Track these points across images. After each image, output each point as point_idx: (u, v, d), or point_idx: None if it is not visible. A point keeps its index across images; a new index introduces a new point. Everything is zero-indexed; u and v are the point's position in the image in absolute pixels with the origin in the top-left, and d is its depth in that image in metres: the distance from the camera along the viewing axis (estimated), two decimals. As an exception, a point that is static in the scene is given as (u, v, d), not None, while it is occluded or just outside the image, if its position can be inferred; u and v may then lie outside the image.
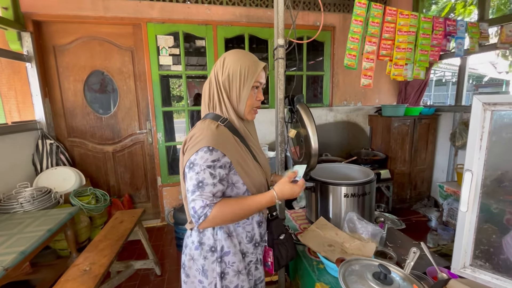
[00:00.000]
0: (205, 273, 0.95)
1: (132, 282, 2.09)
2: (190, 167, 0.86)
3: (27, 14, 2.44)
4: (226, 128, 0.93)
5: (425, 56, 1.71)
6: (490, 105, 0.60)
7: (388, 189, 3.08)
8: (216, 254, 0.94)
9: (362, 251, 1.23)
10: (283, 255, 1.07)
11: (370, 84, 1.60)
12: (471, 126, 0.63)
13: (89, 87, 2.78)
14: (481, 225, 0.65)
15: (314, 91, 4.12)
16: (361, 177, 1.60)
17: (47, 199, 2.07)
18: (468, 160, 0.64)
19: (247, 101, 0.94)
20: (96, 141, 2.86)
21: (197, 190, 0.84)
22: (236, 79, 0.92)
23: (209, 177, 0.85)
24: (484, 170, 0.63)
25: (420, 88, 3.38)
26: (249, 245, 1.01)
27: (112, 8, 2.60)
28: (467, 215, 0.66)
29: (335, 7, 3.11)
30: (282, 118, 1.45)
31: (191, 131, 0.94)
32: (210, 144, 0.85)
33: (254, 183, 0.97)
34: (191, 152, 0.86)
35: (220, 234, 0.94)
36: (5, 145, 2.20)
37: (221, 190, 0.88)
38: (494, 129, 0.61)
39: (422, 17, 1.61)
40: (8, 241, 1.48)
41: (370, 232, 1.31)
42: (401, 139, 3.13)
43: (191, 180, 0.85)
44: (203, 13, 2.80)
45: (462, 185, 0.64)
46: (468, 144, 0.64)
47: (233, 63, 0.93)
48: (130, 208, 2.92)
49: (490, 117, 0.61)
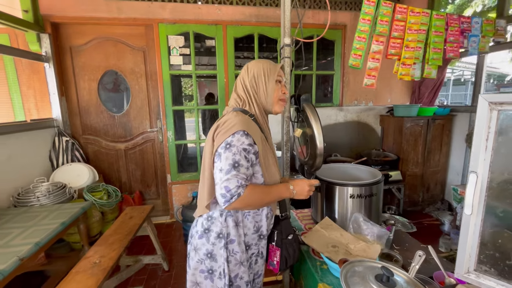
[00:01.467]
0: (214, 257, 0.99)
1: (140, 276, 2.15)
2: (227, 147, 0.89)
3: (46, 16, 2.54)
4: (254, 121, 1.01)
5: (438, 55, 1.65)
6: (497, 104, 0.58)
7: (399, 191, 3.00)
8: (224, 241, 0.98)
9: (366, 253, 1.21)
10: (291, 255, 1.10)
11: (373, 84, 1.57)
12: (476, 126, 0.61)
13: (103, 86, 2.87)
14: (486, 229, 0.63)
15: (324, 91, 4.08)
16: (369, 178, 1.57)
17: (62, 193, 2.16)
18: (473, 162, 0.62)
19: (274, 94, 1.03)
20: (109, 138, 2.95)
21: (233, 169, 0.87)
22: (261, 77, 1.02)
23: (244, 159, 0.90)
24: (490, 172, 0.61)
25: (435, 88, 3.28)
26: (254, 235, 1.05)
27: (125, 9, 2.67)
28: (472, 218, 0.64)
29: (346, 5, 3.07)
30: (288, 118, 1.44)
31: (220, 119, 1.00)
32: (245, 129, 0.91)
33: (271, 178, 1.02)
34: (227, 134, 0.91)
35: (229, 221, 0.98)
36: (24, 141, 2.31)
37: (251, 175, 0.94)
38: (501, 129, 0.58)
39: (434, 14, 1.55)
40: (24, 232, 1.56)
41: (375, 233, 1.29)
42: (414, 140, 3.04)
43: (227, 160, 0.88)
44: (213, 13, 2.83)
45: (467, 187, 0.62)
46: (473, 145, 0.61)
47: (256, 66, 1.05)
48: (141, 204, 3.00)
49: (497, 117, 0.58)
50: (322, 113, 3.21)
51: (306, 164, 1.55)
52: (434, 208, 3.17)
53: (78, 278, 1.38)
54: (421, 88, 3.32)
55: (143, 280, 2.10)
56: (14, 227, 1.63)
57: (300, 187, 1.03)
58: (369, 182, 1.44)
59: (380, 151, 3.27)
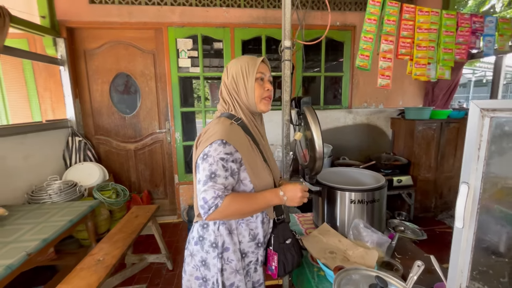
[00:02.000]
0: (207, 266, 0.98)
1: (145, 274, 2.19)
2: (204, 158, 0.88)
3: (62, 22, 2.66)
4: (239, 126, 0.96)
5: (449, 55, 1.58)
6: (489, 111, 0.55)
7: (410, 197, 2.90)
8: (217, 250, 0.96)
9: (365, 259, 1.18)
10: (289, 261, 1.05)
11: (389, 85, 1.52)
12: (467, 134, 0.58)
13: (114, 89, 2.97)
14: (479, 244, 0.59)
15: (335, 92, 4.01)
16: (372, 183, 1.53)
17: (73, 192, 2.24)
18: (464, 172, 0.59)
19: (255, 92, 0.97)
20: (120, 139, 3.04)
21: (210, 181, 0.86)
22: (239, 76, 0.97)
23: (221, 169, 0.87)
24: (483, 183, 0.57)
25: (450, 90, 3.15)
26: (251, 243, 1.02)
27: (136, 14, 2.75)
28: (464, 232, 0.60)
29: (356, 5, 3.01)
30: (287, 121, 1.43)
31: (205, 127, 0.98)
32: (223, 137, 0.88)
33: (260, 182, 0.98)
34: (205, 144, 0.89)
35: (222, 230, 0.96)
36: (39, 141, 2.42)
37: (232, 183, 0.91)
38: (494, 137, 0.55)
39: (444, 13, 1.49)
40: (34, 228, 1.63)
41: (375, 241, 1.25)
42: (426, 144, 2.93)
43: (204, 171, 0.87)
44: (221, 16, 2.86)
45: (458, 198, 0.59)
46: (464, 153, 0.58)
47: (234, 65, 1.00)
48: (149, 203, 3.07)
49: (489, 124, 0.55)
50: (330, 115, 3.16)
51: (306, 168, 1.53)
52: (448, 215, 3.04)
53: (82, 275, 1.43)
54: (434, 90, 3.20)
55: (147, 279, 2.15)
56: (26, 223, 1.71)
57: (291, 193, 0.97)
58: (371, 187, 1.40)
59: (390, 155, 3.18)
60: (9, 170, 2.11)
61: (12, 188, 2.12)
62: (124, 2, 2.72)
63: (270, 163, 1.06)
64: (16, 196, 2.14)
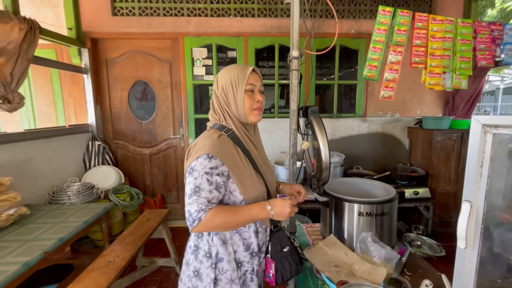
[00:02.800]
0: (200, 276, 0.98)
1: (155, 278, 2.23)
2: (190, 172, 0.91)
3: (87, 33, 2.84)
4: (228, 138, 0.97)
5: (467, 64, 1.52)
6: (491, 127, 0.52)
7: (427, 210, 2.77)
8: (211, 260, 0.96)
9: (372, 276, 1.14)
10: (287, 269, 1.04)
11: (391, 97, 1.49)
12: (469, 150, 0.56)
13: (132, 95, 3.10)
14: (483, 266, 0.56)
15: (351, 100, 3.95)
16: (383, 195, 1.48)
17: (90, 193, 2.35)
18: (467, 190, 0.56)
19: (244, 104, 0.97)
20: (136, 144, 3.16)
21: (194, 194, 0.88)
22: (229, 87, 0.97)
23: (206, 183, 0.89)
24: (486, 202, 0.55)
25: (472, 98, 3.01)
26: (245, 253, 1.01)
27: (154, 25, 2.88)
28: (467, 253, 0.57)
29: (371, 13, 2.97)
30: (295, 130, 1.43)
31: (195, 140, 1.00)
32: (209, 151, 0.90)
33: (249, 193, 0.98)
34: (192, 158, 0.92)
35: (215, 240, 0.97)
36: (62, 144, 2.57)
37: (217, 197, 0.92)
38: (497, 155, 0.53)
39: (459, 22, 1.44)
40: (52, 228, 1.72)
41: (383, 256, 1.21)
42: (446, 155, 2.80)
43: (189, 185, 0.90)
44: (235, 26, 2.93)
45: (459, 217, 0.57)
46: (466, 171, 0.56)
47: (223, 77, 1.00)
48: (162, 207, 3.14)
49: (492, 141, 0.53)
50: (344, 123, 3.11)
51: (314, 178, 1.52)
52: (469, 231, 2.86)
53: (93, 275, 1.48)
54: (455, 98, 3.07)
55: (156, 282, 2.18)
56: (45, 222, 1.81)
57: (279, 208, 0.94)
58: (380, 200, 1.35)
59: (407, 166, 3.07)
60: (34, 171, 2.25)
61: (36, 188, 2.26)
62: (144, 14, 2.86)
63: (264, 172, 1.05)
64: (39, 196, 2.27)
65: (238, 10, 2.91)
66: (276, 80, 3.08)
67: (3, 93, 1.86)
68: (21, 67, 1.96)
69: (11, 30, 1.87)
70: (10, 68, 1.90)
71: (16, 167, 2.07)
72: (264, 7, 2.93)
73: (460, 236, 0.57)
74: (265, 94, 1.07)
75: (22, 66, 1.97)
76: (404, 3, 2.99)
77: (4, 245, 1.51)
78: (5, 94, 1.87)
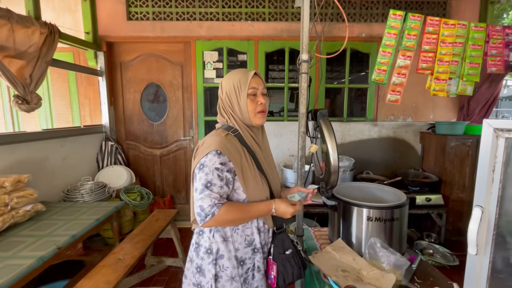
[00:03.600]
0: (202, 272, 1.00)
1: (162, 277, 2.26)
2: (200, 168, 0.94)
3: (103, 37, 2.94)
4: (235, 137, 1.01)
5: (475, 70, 1.49)
6: (504, 131, 0.51)
7: (440, 217, 2.69)
8: (212, 256, 0.98)
9: (380, 282, 1.12)
10: (288, 272, 1.04)
11: (398, 100, 1.47)
12: (480, 155, 0.55)
13: (144, 98, 3.18)
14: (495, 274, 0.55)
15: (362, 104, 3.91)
16: (394, 200, 1.45)
17: (102, 192, 2.41)
18: (478, 195, 0.55)
19: (248, 108, 1.00)
20: (148, 145, 3.22)
21: (206, 189, 0.91)
22: (233, 94, 1.02)
23: (217, 179, 0.92)
24: (498, 208, 0.53)
25: (488, 103, 2.92)
26: (247, 249, 1.03)
27: (167, 29, 2.95)
28: (478, 259, 0.56)
29: (383, 17, 2.94)
30: (303, 133, 1.43)
31: (203, 138, 1.03)
32: (218, 148, 0.93)
33: (253, 192, 1.00)
34: (201, 155, 0.95)
35: (216, 237, 0.99)
36: (77, 144, 2.66)
37: (226, 192, 0.95)
38: (510, 159, 0.51)
39: (472, 26, 1.41)
40: (66, 224, 1.78)
41: (392, 262, 1.18)
42: (460, 161, 2.72)
43: (200, 180, 0.92)
44: (246, 30, 2.96)
45: (470, 223, 0.56)
46: (478, 176, 0.55)
47: (226, 82, 1.04)
48: (171, 208, 3.18)
49: (504, 145, 0.52)
50: (354, 127, 3.08)
51: (322, 181, 1.51)
52: (485, 240, 2.76)
53: (103, 272, 1.51)
54: (470, 103, 2.99)
55: (164, 281, 2.21)
56: (60, 219, 1.87)
57: (282, 210, 0.99)
58: (390, 205, 1.33)
59: (419, 171, 2.99)
60: (50, 169, 2.33)
61: (51, 186, 2.34)
62: (157, 19, 2.94)
63: (268, 174, 1.08)
64: (54, 194, 2.35)
65: (249, 14, 2.95)
66: (286, 83, 3.09)
67: (22, 94, 1.95)
68: (40, 69, 2.05)
69: (32, 34, 1.96)
70: (30, 70, 1.99)
71: (33, 165, 2.15)
72: (274, 11, 2.95)
73: (471, 242, 0.55)
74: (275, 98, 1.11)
75: (41, 69, 2.06)
76: (418, 6, 2.95)
77: (21, 240, 1.57)
78: (24, 95, 1.96)
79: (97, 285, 1.38)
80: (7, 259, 1.37)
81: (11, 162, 1.98)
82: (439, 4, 2.97)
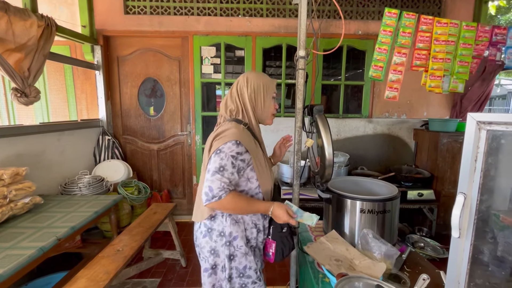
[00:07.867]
0: (217, 253, 1.10)
1: (160, 269, 2.30)
2: (217, 153, 1.00)
3: (99, 31, 2.92)
4: (248, 130, 1.10)
5: (464, 68, 1.54)
6: (485, 124, 0.55)
7: (432, 212, 2.77)
8: (225, 239, 1.07)
9: (371, 270, 1.17)
10: (287, 246, 1.18)
11: (396, 97, 1.52)
12: (464, 145, 0.59)
13: (142, 92, 3.18)
14: (476, 255, 0.59)
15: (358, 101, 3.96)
16: (386, 193, 1.50)
17: (100, 186, 2.42)
18: (462, 182, 0.59)
19: (269, 109, 1.16)
20: (145, 139, 3.23)
21: (218, 172, 0.98)
22: (260, 91, 1.12)
23: (230, 165, 0.99)
24: (480, 194, 0.58)
25: (480, 101, 2.98)
26: (253, 229, 1.15)
27: (165, 23, 2.94)
28: (460, 242, 0.61)
29: (380, 14, 2.98)
30: (300, 127, 1.47)
31: (219, 128, 1.09)
32: (238, 138, 1.01)
33: (265, 181, 1.12)
34: (220, 141, 1.01)
35: (229, 221, 1.08)
36: (74, 138, 2.66)
37: (236, 180, 1.03)
38: (490, 149, 0.56)
39: (464, 25, 1.45)
40: (65, 217, 1.79)
41: (383, 252, 1.24)
42: (451, 157, 2.79)
43: (214, 163, 0.99)
44: (244, 25, 2.97)
45: (453, 208, 0.60)
46: (462, 165, 0.59)
47: (256, 80, 1.14)
48: (168, 202, 3.20)
49: (486, 137, 0.56)
50: (349, 124, 3.13)
51: (317, 175, 1.55)
52: (474, 234, 2.85)
53: (103, 262, 1.55)
54: (463, 101, 3.05)
55: (162, 273, 2.25)
56: (58, 211, 1.88)
57: (277, 213, 1.07)
58: (382, 198, 1.38)
59: (412, 167, 3.06)
60: (47, 163, 2.33)
61: (49, 179, 2.35)
62: (155, 13, 2.93)
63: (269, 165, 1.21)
64: (51, 187, 2.36)
65: (247, 10, 2.96)
66: (283, 79, 3.12)
67: (20, 87, 1.94)
68: (38, 62, 2.05)
69: (30, 27, 1.95)
70: (28, 63, 1.98)
71: (30, 159, 2.16)
72: (272, 7, 2.97)
73: (454, 226, 0.60)
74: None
75: (39, 62, 2.06)
76: (413, 5, 2.99)
77: (20, 231, 1.59)
78: (22, 88, 1.96)
79: (97, 275, 1.41)
80: (8, 249, 1.39)
81: (9, 155, 1.99)
82: (434, 2, 3.01)
